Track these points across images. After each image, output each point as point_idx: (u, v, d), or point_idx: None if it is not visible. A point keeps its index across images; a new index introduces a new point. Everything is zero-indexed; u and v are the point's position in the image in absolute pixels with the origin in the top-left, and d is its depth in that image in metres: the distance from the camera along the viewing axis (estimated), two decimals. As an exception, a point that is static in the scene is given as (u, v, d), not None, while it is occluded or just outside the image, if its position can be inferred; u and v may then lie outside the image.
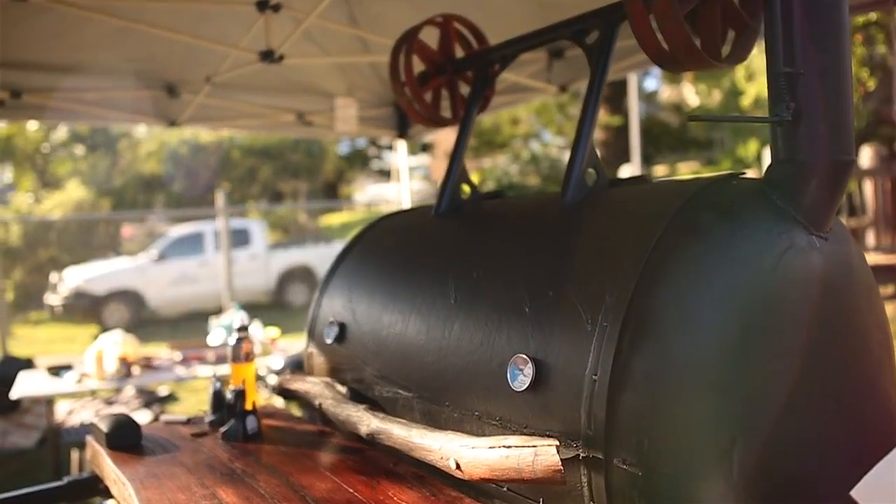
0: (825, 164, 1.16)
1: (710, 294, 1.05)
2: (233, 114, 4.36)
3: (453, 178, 1.79)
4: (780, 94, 1.16)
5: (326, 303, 1.90)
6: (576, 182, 1.41)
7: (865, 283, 1.24)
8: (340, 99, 4.44)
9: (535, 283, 1.24)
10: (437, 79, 2.05)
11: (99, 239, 13.36)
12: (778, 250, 1.11)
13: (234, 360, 2.05)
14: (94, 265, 11.71)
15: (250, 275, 11.35)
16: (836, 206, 1.21)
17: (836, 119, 1.17)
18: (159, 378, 4.90)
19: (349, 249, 1.96)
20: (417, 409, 1.47)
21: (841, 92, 1.17)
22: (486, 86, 1.91)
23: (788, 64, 1.16)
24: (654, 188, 1.36)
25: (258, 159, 15.22)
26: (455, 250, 1.56)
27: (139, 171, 16.03)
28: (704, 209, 1.14)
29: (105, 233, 13.54)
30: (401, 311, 1.57)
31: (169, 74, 4.03)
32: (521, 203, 1.69)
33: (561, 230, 1.33)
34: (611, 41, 1.54)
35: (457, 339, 1.36)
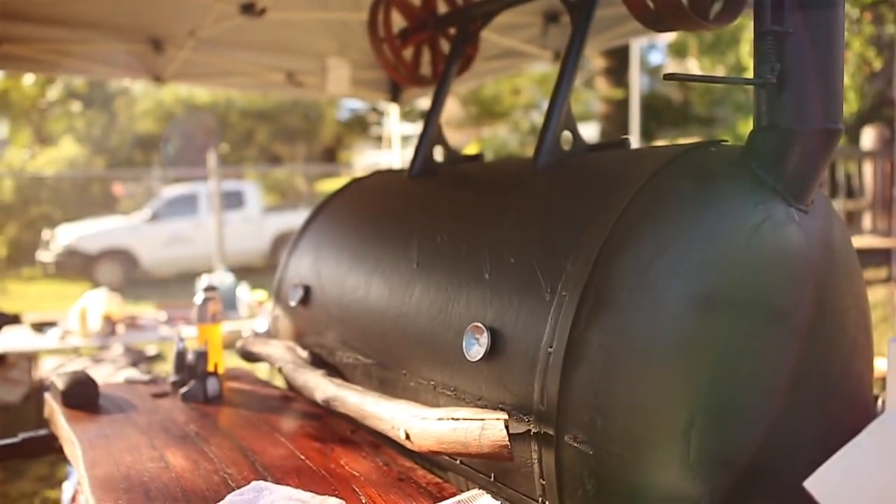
0: (810, 132, 1.08)
1: (677, 266, 0.98)
2: (220, 71, 4.24)
3: (427, 140, 1.72)
4: (765, 55, 1.08)
5: (294, 264, 1.84)
6: (549, 145, 1.34)
7: (846, 261, 1.18)
8: (332, 59, 4.32)
9: (498, 249, 1.18)
10: (418, 35, 1.95)
11: (92, 197, 13.25)
12: (753, 222, 1.04)
13: (199, 320, 2.00)
14: (87, 223, 11.63)
15: (244, 237, 11.28)
16: (820, 178, 1.13)
17: (825, 84, 1.09)
18: (143, 337, 4.87)
19: (319, 210, 1.89)
20: (375, 377, 1.41)
21: (831, 56, 1.09)
22: (467, 43, 1.82)
23: (776, 22, 1.08)
24: (632, 154, 1.28)
25: (255, 121, 15.02)
26: (423, 213, 1.49)
27: (135, 130, 15.84)
28: (678, 176, 1.07)
29: (99, 191, 13.42)
30: (364, 274, 1.51)
31: (154, 28, 3.91)
32: (494, 166, 1.62)
33: (529, 194, 1.26)
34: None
35: (416, 305, 1.30)
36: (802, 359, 1.07)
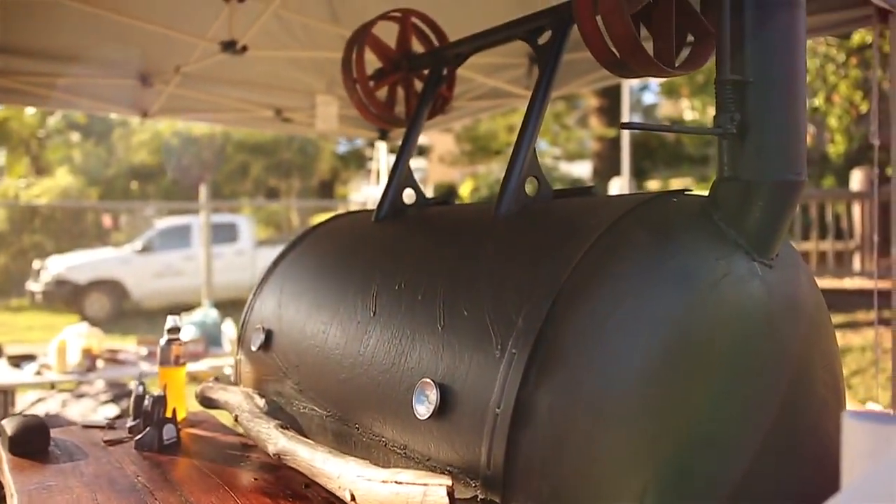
0: (772, 183, 1.05)
1: (631, 324, 0.93)
2: (207, 107, 4.25)
3: (396, 183, 1.68)
4: (725, 104, 1.05)
5: (258, 306, 1.79)
6: (512, 192, 1.30)
7: (813, 317, 1.13)
8: (321, 96, 4.33)
9: (453, 299, 1.13)
10: (392, 76, 1.94)
11: (85, 228, 13.21)
12: (713, 277, 1.00)
13: (162, 362, 1.93)
14: (78, 254, 11.58)
15: (235, 270, 11.22)
16: (783, 231, 1.10)
17: (787, 135, 1.06)
18: (123, 373, 4.78)
19: (287, 252, 1.85)
20: (330, 430, 1.35)
21: (792, 105, 1.06)
22: (440, 85, 1.80)
23: (736, 71, 1.06)
24: (596, 202, 1.25)
25: (250, 155, 15.09)
26: (384, 258, 1.45)
27: (131, 161, 15.89)
28: (636, 228, 1.03)
29: (92, 221, 13.39)
30: (323, 320, 1.46)
31: (142, 63, 3.93)
32: (459, 211, 1.58)
33: (488, 243, 1.22)
34: (561, 42, 1.43)
35: (371, 356, 1.25)
36: (767, 420, 1.02)
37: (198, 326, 5.46)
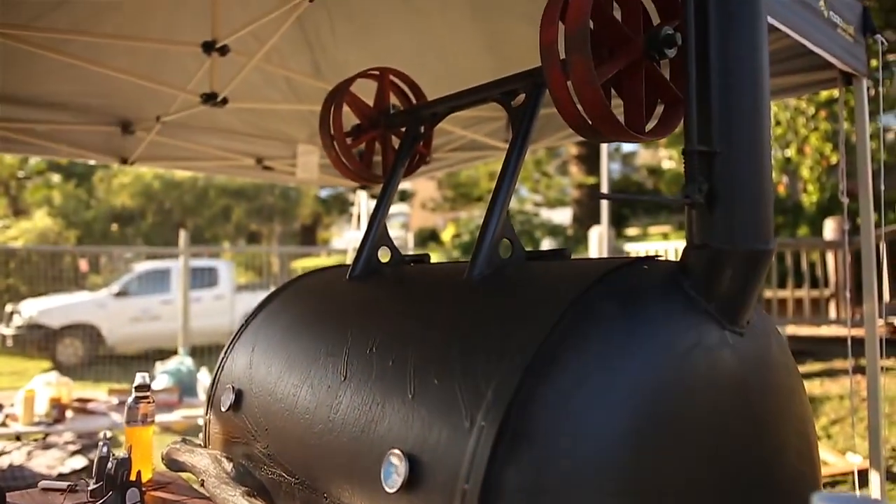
0: (741, 252, 1.06)
1: (601, 397, 0.92)
2: (188, 154, 4.25)
3: (371, 241, 1.68)
4: (693, 174, 1.07)
5: (229, 365, 1.75)
6: (485, 255, 1.30)
7: (785, 384, 1.13)
8: (302, 146, 4.36)
9: (424, 366, 1.11)
10: (369, 133, 1.95)
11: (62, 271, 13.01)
12: (684, 347, 0.99)
13: (128, 421, 1.88)
14: (52, 297, 11.37)
15: (214, 315, 11.06)
16: (753, 299, 1.10)
17: (754, 204, 1.07)
18: (93, 425, 4.65)
19: (260, 308, 1.83)
20: (299, 498, 1.31)
21: (759, 175, 1.08)
22: (416, 144, 1.82)
23: (703, 142, 1.08)
24: (567, 267, 1.25)
25: (233, 199, 15.08)
26: (357, 319, 1.43)
27: (112, 204, 15.79)
28: (607, 298, 1.03)
29: (68, 265, 13.20)
30: (294, 382, 1.43)
31: (124, 111, 3.94)
32: (433, 271, 1.58)
33: (460, 308, 1.21)
34: (535, 105, 1.45)
35: (341, 422, 1.22)
36: (740, 492, 1.01)
37: (172, 375, 5.34)
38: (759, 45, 1.13)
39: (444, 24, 3.00)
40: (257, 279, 13.98)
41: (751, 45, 1.12)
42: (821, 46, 2.13)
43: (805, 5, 2.06)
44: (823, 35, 2.16)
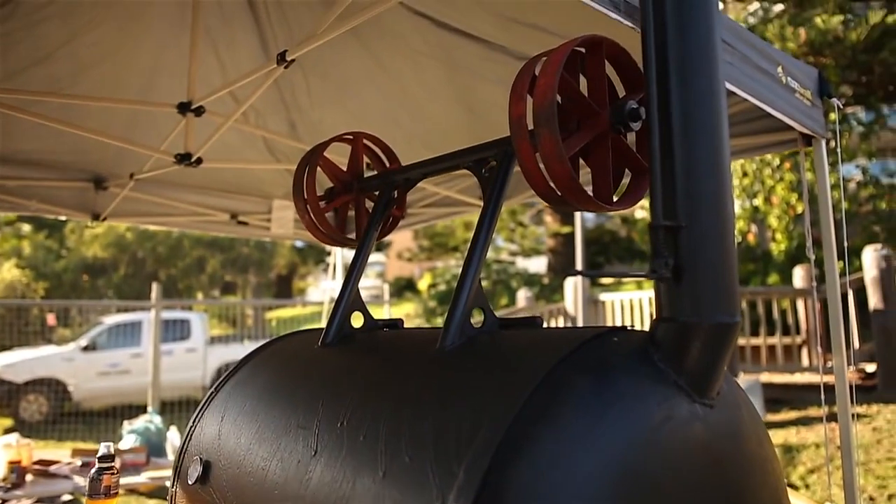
0: (707, 325, 1.07)
1: (573, 476, 0.91)
2: (162, 210, 4.23)
3: (344, 307, 1.67)
4: (659, 249, 1.09)
5: (197, 434, 1.71)
6: (457, 324, 1.30)
7: (758, 455, 1.13)
8: (277, 201, 4.37)
9: (395, 442, 1.10)
10: (342, 197, 1.97)
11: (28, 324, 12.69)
12: (654, 423, 0.99)
13: (91, 494, 1.82)
14: (17, 352, 11.05)
15: (185, 369, 10.84)
16: (722, 371, 1.11)
17: (719, 278, 1.09)
18: (55, 489, 4.47)
19: (230, 376, 1.79)
20: (266, 580, 1.27)
21: (723, 249, 1.10)
22: (389, 208, 1.83)
23: (668, 216, 1.10)
24: (540, 337, 1.25)
25: (207, 249, 14.95)
26: (329, 389, 1.41)
27: (83, 255, 15.54)
28: (578, 373, 1.03)
29: (36, 318, 12.89)
30: (264, 455, 1.39)
31: (97, 167, 3.93)
32: (405, 339, 1.57)
33: (431, 380, 1.20)
34: (505, 174, 1.48)
35: (311, 499, 1.19)
36: (717, 571, 1.00)
37: (140, 434, 5.18)
38: (719, 119, 1.17)
39: (419, 85, 3.07)
40: (231, 331, 13.77)
41: (712, 120, 1.16)
42: (780, 111, 2.22)
43: (763, 72, 2.15)
44: (782, 100, 2.24)
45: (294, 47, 2.04)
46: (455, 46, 2.54)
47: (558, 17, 2.08)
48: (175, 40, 2.94)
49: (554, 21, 2.13)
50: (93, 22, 2.78)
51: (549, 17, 2.11)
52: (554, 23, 2.14)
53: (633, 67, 1.42)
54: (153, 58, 3.10)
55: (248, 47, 3.10)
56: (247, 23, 3.00)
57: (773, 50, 2.27)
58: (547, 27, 2.17)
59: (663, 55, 1.19)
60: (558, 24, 2.14)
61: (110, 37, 2.88)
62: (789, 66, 2.33)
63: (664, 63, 1.19)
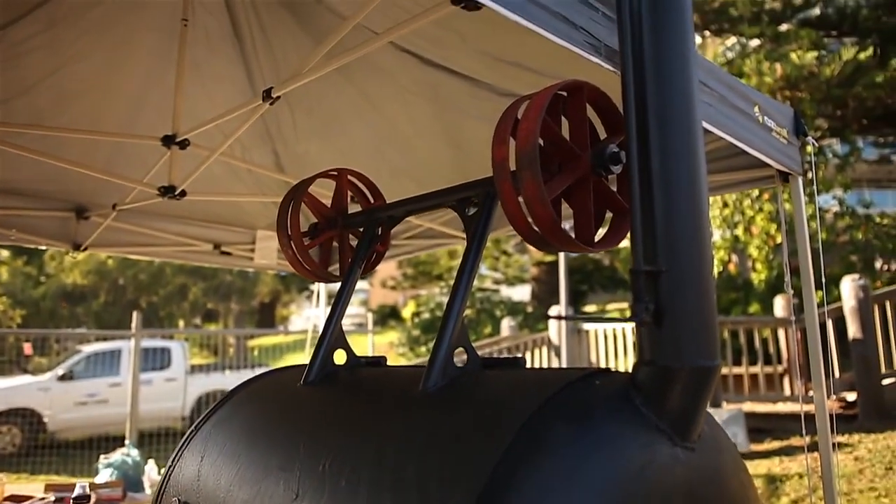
0: (688, 370, 1.08)
1: (556, 524, 0.91)
2: (144, 240, 4.19)
3: (327, 344, 1.66)
4: (639, 294, 1.10)
5: (176, 474, 1.68)
6: (440, 365, 1.30)
7: (739, 498, 1.14)
8: (261, 231, 4.36)
9: (377, 489, 1.09)
10: (326, 233, 1.97)
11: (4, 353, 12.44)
12: (636, 467, 1.00)
13: (65, 537, 1.77)
14: (-9, 382, 10.81)
15: (165, 399, 10.66)
16: (703, 414, 1.12)
17: (699, 322, 1.11)
18: (26, 525, 4.34)
19: (210, 414, 1.77)
20: None
21: (703, 293, 1.12)
22: (373, 245, 1.84)
23: (649, 261, 1.12)
24: (522, 380, 1.26)
25: (189, 277, 14.82)
26: (310, 431, 1.40)
27: (62, 282, 15.32)
28: (559, 418, 1.03)
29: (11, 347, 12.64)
30: (244, 497, 1.37)
31: (79, 197, 3.90)
32: (388, 379, 1.56)
33: (414, 423, 1.20)
34: (489, 214, 1.50)
35: (292, 547, 1.17)
36: None
37: (116, 468, 5.07)
38: (697, 164, 1.19)
39: (406, 120, 3.10)
40: (213, 360, 13.58)
41: (690, 165, 1.18)
42: (757, 149, 2.27)
43: (741, 111, 2.20)
44: (759, 139, 2.29)
45: (280, 84, 2.06)
46: (441, 83, 2.57)
47: (542, 57, 2.12)
48: (161, 72, 2.96)
49: (538, 61, 2.17)
50: (79, 54, 2.79)
51: (533, 57, 2.15)
52: (538, 62, 2.18)
53: (613, 111, 1.45)
54: (138, 89, 3.11)
55: (235, 79, 3.12)
56: (233, 55, 3.02)
57: (750, 90, 2.33)
58: (531, 66, 2.21)
59: (642, 100, 1.22)
60: (542, 64, 2.18)
61: (96, 68, 2.89)
62: (766, 106, 2.39)
63: (643, 108, 1.21)
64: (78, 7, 2.55)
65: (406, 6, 2.00)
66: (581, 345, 8.45)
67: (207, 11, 2.85)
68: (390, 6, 1.99)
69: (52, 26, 2.60)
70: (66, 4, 2.50)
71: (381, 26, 2.27)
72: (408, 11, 1.99)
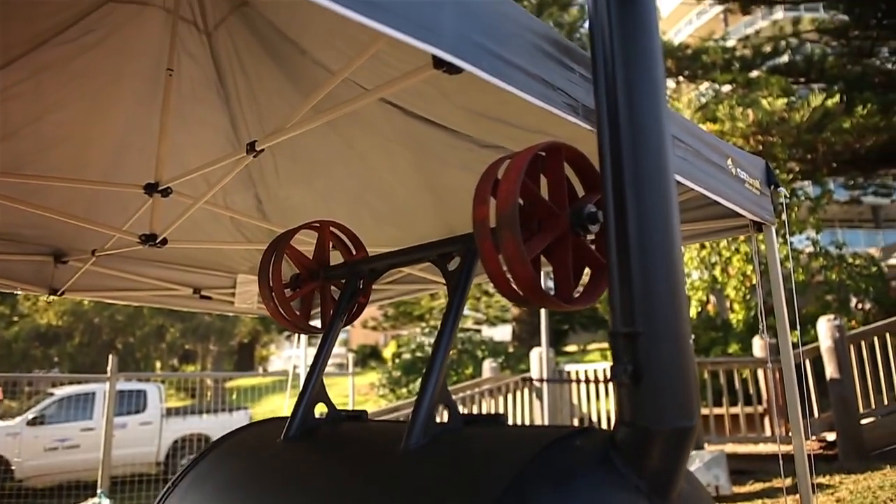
0: (666, 430, 1.10)
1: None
2: (123, 284, 4.15)
3: (307, 398, 1.65)
4: (618, 356, 1.12)
5: (152, 535, 1.64)
6: (422, 423, 1.30)
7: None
8: (241, 276, 4.34)
9: (358, 554, 1.08)
10: (308, 284, 1.98)
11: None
12: (617, 531, 1.00)
13: None
14: (-43, 428, 10.47)
15: (139, 443, 10.38)
16: (682, 473, 1.13)
17: (677, 383, 1.13)
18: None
19: (189, 469, 1.74)
20: None
21: (680, 354, 1.14)
22: (354, 298, 1.85)
23: (627, 323, 1.14)
24: (504, 438, 1.26)
25: (167, 318, 14.61)
26: (291, 490, 1.38)
27: (36, 322, 15.01)
28: (540, 481, 1.04)
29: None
30: (222, 562, 1.35)
31: (58, 241, 3.86)
32: (369, 435, 1.56)
33: (395, 483, 1.19)
34: (470, 270, 1.52)
35: None
36: None
37: (87, 520, 4.91)
38: (672, 225, 1.22)
39: (388, 168, 3.14)
40: (190, 402, 13.30)
41: (665, 227, 1.22)
42: (731, 201, 2.33)
43: (714, 164, 2.26)
44: (733, 190, 2.36)
45: (264, 138, 2.09)
46: (423, 134, 2.62)
47: (522, 113, 2.17)
48: (144, 118, 2.98)
49: (518, 116, 2.22)
50: (63, 100, 2.81)
51: (514, 113, 2.21)
52: (518, 118, 2.24)
53: (590, 170, 1.49)
54: (121, 135, 3.12)
55: (218, 126, 3.15)
56: (217, 102, 3.06)
57: (723, 143, 2.41)
58: (512, 121, 2.27)
59: (618, 159, 1.25)
60: (522, 119, 2.24)
61: (79, 115, 2.90)
62: (738, 158, 2.47)
63: (619, 168, 1.25)
64: (64, 56, 2.58)
65: (391, 63, 2.05)
66: (563, 386, 8.43)
67: (193, 60, 2.89)
68: (375, 62, 2.04)
69: (36, 73, 2.62)
70: (52, 53, 2.52)
71: (366, 79, 2.33)
72: (393, 68, 2.04)
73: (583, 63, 1.60)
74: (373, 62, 2.05)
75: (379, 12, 1.12)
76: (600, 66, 1.35)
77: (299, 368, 5.95)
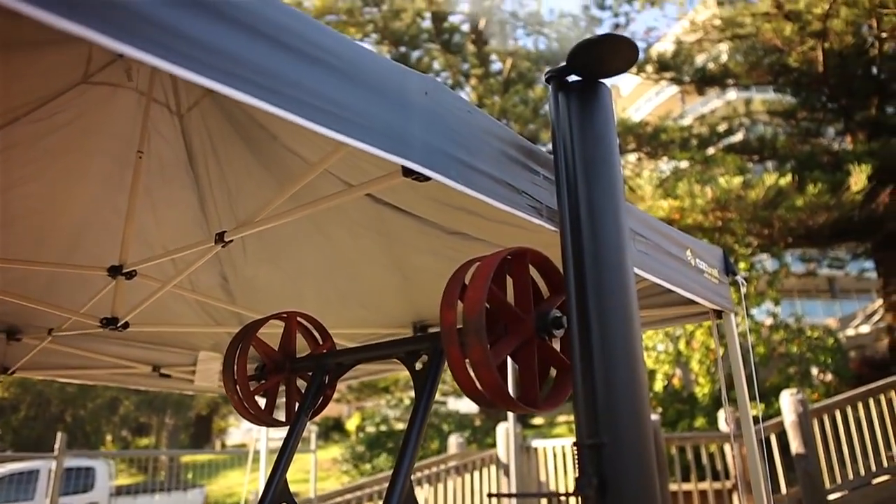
0: (633, 544, 1.10)
1: None
2: (79, 362, 4.02)
3: (270, 500, 1.61)
4: (583, 468, 1.13)
5: None
6: (387, 535, 1.28)
7: None
8: (203, 353, 4.25)
9: None
10: (275, 376, 1.95)
11: None
12: None
13: None
14: None
15: (85, 526, 9.80)
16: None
17: (640, 492, 1.13)
18: None
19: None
20: None
21: (643, 464, 1.15)
22: (320, 392, 1.83)
23: (591, 435, 1.15)
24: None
25: (121, 391, 14.08)
26: None
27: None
28: None
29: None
30: None
31: (13, 318, 3.75)
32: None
33: None
34: (437, 369, 1.52)
35: None
36: None
37: None
38: (633, 333, 1.26)
39: (355, 250, 3.16)
40: (142, 479, 12.66)
41: (626, 334, 1.25)
42: (691, 291, 2.40)
43: (674, 257, 2.34)
44: (692, 281, 2.43)
45: (234, 230, 2.10)
46: (391, 220, 2.66)
47: (486, 205, 2.23)
48: (112, 197, 2.97)
49: (482, 208, 2.28)
50: (29, 176, 2.79)
51: (479, 205, 2.26)
52: (485, 209, 2.29)
53: (554, 272, 1.53)
54: (87, 213, 3.09)
55: (186, 205, 3.15)
56: (186, 181, 3.07)
57: (682, 235, 2.49)
58: (478, 212, 2.32)
59: (580, 269, 1.29)
60: (489, 211, 2.29)
61: (44, 191, 2.88)
62: (697, 249, 2.55)
63: (581, 272, 1.28)
64: (35, 133, 2.58)
65: (363, 157, 2.10)
66: (530, 462, 8.29)
67: (164, 141, 2.92)
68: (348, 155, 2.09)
69: (5, 150, 2.61)
70: (23, 130, 2.52)
71: (340, 170, 2.37)
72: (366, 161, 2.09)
73: (546, 165, 1.67)
74: (345, 154, 2.10)
75: (345, 125, 1.16)
76: (562, 170, 1.42)
77: (260, 442, 5.75)
